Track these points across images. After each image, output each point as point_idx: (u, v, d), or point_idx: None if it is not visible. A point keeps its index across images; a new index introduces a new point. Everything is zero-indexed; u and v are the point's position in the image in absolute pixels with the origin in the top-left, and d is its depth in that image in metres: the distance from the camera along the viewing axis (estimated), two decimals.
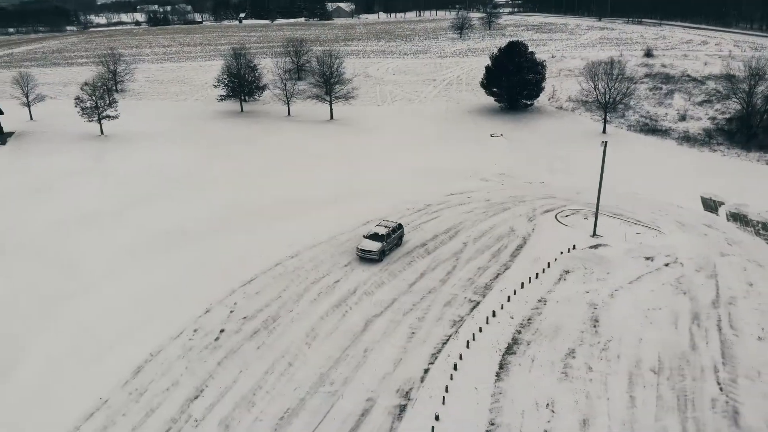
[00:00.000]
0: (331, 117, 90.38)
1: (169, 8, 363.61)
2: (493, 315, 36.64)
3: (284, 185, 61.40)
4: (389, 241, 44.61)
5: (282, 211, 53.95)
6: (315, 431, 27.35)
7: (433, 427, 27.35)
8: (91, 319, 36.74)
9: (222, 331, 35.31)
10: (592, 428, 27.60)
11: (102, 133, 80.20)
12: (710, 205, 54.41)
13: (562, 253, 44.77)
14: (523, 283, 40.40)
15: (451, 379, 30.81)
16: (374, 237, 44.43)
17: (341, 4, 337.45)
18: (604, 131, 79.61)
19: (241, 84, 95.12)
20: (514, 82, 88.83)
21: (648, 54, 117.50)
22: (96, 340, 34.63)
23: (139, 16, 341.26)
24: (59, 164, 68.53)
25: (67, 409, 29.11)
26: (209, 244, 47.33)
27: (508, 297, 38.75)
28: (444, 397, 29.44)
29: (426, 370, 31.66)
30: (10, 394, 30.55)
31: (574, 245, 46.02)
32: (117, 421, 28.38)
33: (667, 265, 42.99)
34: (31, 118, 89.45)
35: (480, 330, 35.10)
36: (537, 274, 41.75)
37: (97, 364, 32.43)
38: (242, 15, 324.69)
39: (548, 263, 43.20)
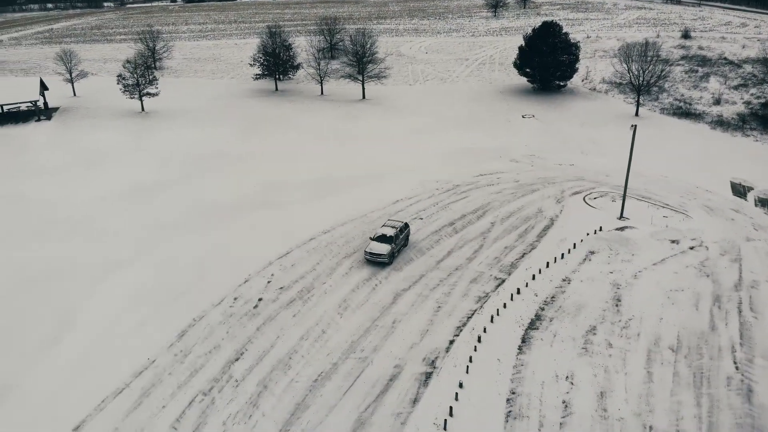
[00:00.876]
0: (363, 96, 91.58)
1: None
2: (518, 292, 38.04)
3: (317, 164, 63.12)
4: (397, 242, 42.43)
5: (315, 189, 55.82)
6: (346, 393, 29.38)
7: (457, 394, 29.10)
8: (138, 286, 39.26)
9: (260, 299, 37.50)
10: (609, 400, 29.03)
11: (143, 109, 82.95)
12: (739, 190, 54.53)
13: (588, 234, 45.76)
14: (548, 263, 41.63)
15: (475, 350, 32.46)
16: (382, 239, 42.05)
17: None
18: (636, 114, 79.36)
19: (276, 63, 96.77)
20: (547, 62, 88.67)
21: (685, 35, 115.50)
22: (143, 305, 37.12)
23: None
24: (103, 139, 71.40)
25: (118, 367, 31.61)
26: (246, 219, 49.47)
27: (533, 275, 40.06)
28: (468, 366, 31.12)
29: (451, 342, 33.37)
30: (65, 354, 33.11)
31: (601, 227, 46.92)
32: (164, 379, 30.79)
33: (692, 248, 43.72)
34: (75, 94, 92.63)
35: (504, 306, 36.58)
36: (563, 254, 42.89)
37: (144, 328, 34.89)
38: None
39: (574, 244, 44.27)
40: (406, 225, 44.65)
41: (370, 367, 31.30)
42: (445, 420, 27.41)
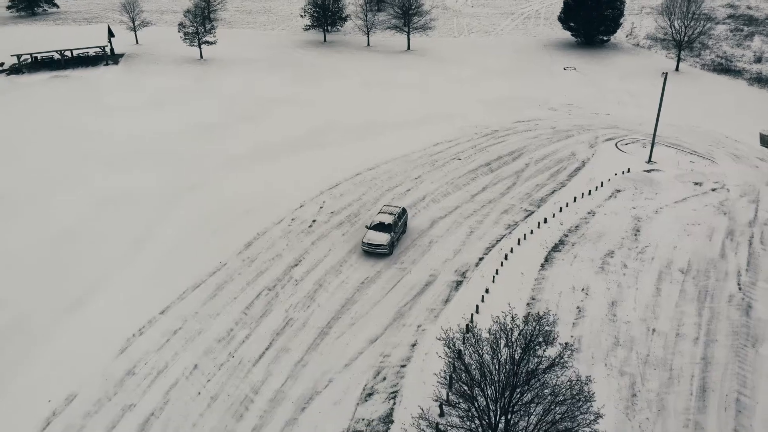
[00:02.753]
0: (408, 48, 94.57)
1: None
2: (545, 221, 41.98)
3: (363, 110, 67.05)
4: (396, 229, 39.12)
5: (361, 132, 60.02)
6: (389, 293, 34.33)
7: (483, 297, 33.65)
8: (210, 207, 44.63)
9: (314, 221, 42.49)
10: (619, 308, 33.12)
11: (201, 57, 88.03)
12: (767, 141, 56.47)
13: (616, 174, 49.00)
14: (575, 198, 45.25)
15: (502, 265, 36.82)
16: (380, 227, 38.61)
17: None
18: (677, 69, 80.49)
19: (325, 14, 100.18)
20: (591, 17, 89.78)
21: None
22: (213, 222, 42.49)
23: None
24: (168, 83, 76.76)
25: (195, 267, 37.10)
26: (300, 156, 54.15)
27: (561, 208, 43.84)
28: (494, 277, 35.57)
29: (480, 259, 37.81)
30: (151, 255, 38.79)
31: (629, 169, 50.04)
32: (234, 278, 36.19)
33: (713, 190, 46.64)
34: (137, 42, 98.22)
35: (531, 232, 40.64)
36: (590, 191, 46.39)
37: (215, 238, 40.31)
38: None
39: (602, 182, 47.66)
40: (404, 210, 41.39)
41: (409, 275, 36.07)
42: (472, 314, 32.07)
